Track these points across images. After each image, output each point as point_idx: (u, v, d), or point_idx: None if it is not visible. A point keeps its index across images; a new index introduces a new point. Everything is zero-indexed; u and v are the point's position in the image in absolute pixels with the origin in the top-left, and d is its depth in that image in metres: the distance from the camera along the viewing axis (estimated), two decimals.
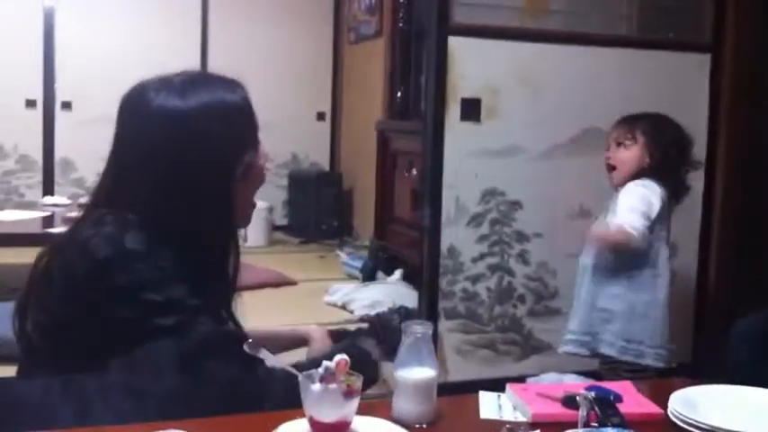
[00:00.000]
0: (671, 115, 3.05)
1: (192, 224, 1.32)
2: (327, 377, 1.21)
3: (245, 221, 1.48)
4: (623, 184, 2.52)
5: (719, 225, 3.20)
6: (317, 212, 6.56)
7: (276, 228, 6.62)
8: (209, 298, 1.33)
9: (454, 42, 2.83)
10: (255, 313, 1.64)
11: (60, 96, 6.29)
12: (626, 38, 3.09)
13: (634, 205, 2.44)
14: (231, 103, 1.37)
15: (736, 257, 3.22)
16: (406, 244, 4.47)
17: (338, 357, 1.23)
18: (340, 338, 1.69)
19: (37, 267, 1.34)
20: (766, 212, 3.20)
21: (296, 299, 4.61)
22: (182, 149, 1.31)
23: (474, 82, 2.87)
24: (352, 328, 2.72)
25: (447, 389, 1.43)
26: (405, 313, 3.21)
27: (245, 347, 1.25)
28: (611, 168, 2.56)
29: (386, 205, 5.26)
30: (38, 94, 6.27)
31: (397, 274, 4.69)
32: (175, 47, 6.42)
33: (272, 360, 1.29)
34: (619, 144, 2.54)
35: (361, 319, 3.97)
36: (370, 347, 1.54)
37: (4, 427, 1.22)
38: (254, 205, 1.47)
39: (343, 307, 4.42)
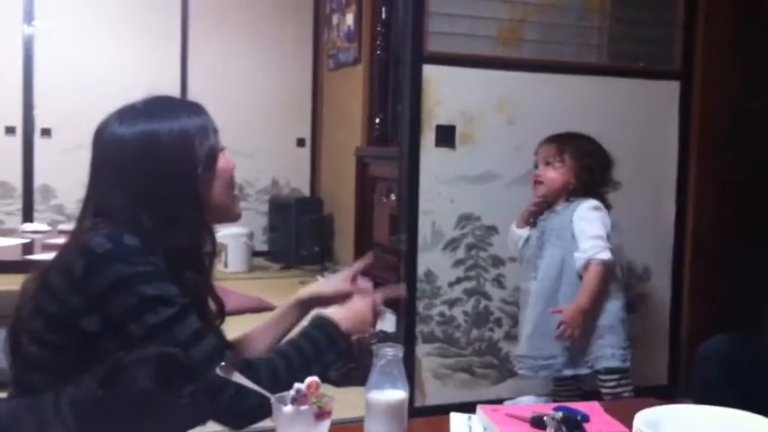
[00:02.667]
0: (642, 140, 3.15)
1: (168, 224, 1.45)
2: (299, 399, 1.24)
3: (233, 216, 1.59)
4: (549, 199, 2.66)
5: (692, 249, 3.26)
6: (298, 238, 6.58)
7: (257, 253, 6.63)
8: (190, 290, 1.46)
9: (429, 70, 2.88)
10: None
11: (40, 123, 6.30)
12: (597, 66, 3.16)
13: (597, 232, 2.54)
14: (190, 122, 1.50)
15: (708, 281, 3.28)
16: (385, 268, 4.48)
17: (309, 380, 1.26)
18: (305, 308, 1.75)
19: (31, 280, 1.44)
20: (737, 237, 3.26)
21: None
22: (147, 165, 1.45)
23: (449, 109, 2.92)
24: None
25: (424, 412, 1.46)
26: (383, 337, 3.23)
27: (218, 371, 1.28)
28: (538, 183, 2.68)
29: (365, 230, 5.29)
30: (17, 121, 6.27)
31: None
32: (155, 75, 6.44)
33: (244, 382, 1.32)
34: (547, 163, 2.65)
35: None
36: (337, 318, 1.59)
37: None
38: (236, 200, 1.58)
39: None
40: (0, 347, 1.51)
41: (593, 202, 2.58)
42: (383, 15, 5.55)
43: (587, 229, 2.54)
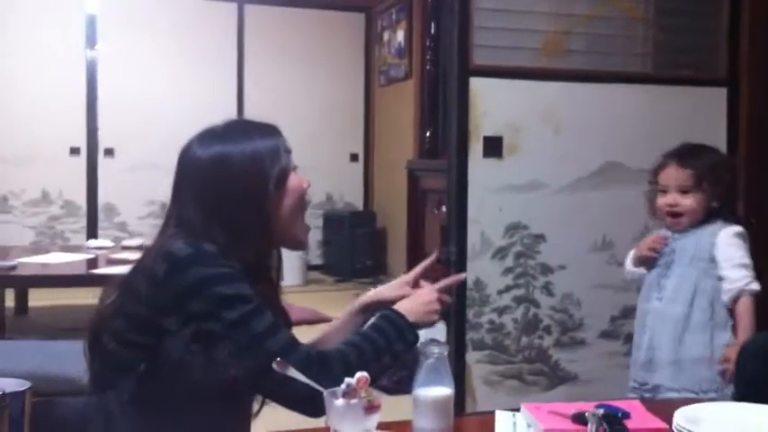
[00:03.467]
0: None
1: (238, 239, 1.54)
2: (349, 392, 1.32)
3: (298, 243, 1.67)
4: (687, 228, 2.44)
5: None
6: (352, 251, 6.69)
7: (312, 267, 6.76)
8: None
9: (475, 83, 2.95)
10: None
11: (103, 144, 6.53)
12: (642, 74, 3.18)
13: (745, 260, 2.37)
14: (262, 144, 1.59)
15: (761, 285, 3.26)
16: (437, 279, 4.55)
17: (359, 375, 1.34)
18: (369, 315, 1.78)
19: (115, 283, 1.57)
20: None
21: None
22: (221, 185, 1.56)
23: (496, 120, 2.99)
24: None
25: None
26: (446, 357, 3.29)
27: (274, 366, 1.37)
28: (677, 215, 2.43)
29: (417, 242, 5.37)
30: (81, 142, 6.52)
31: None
32: (212, 95, 6.65)
33: (300, 377, 1.41)
34: (683, 192, 2.41)
35: None
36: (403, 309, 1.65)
37: None
38: (305, 228, 1.66)
39: None
40: (75, 355, 1.65)
41: (737, 229, 2.40)
42: (432, 31, 5.64)
43: (734, 256, 2.36)
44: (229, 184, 1.56)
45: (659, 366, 2.43)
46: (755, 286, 2.35)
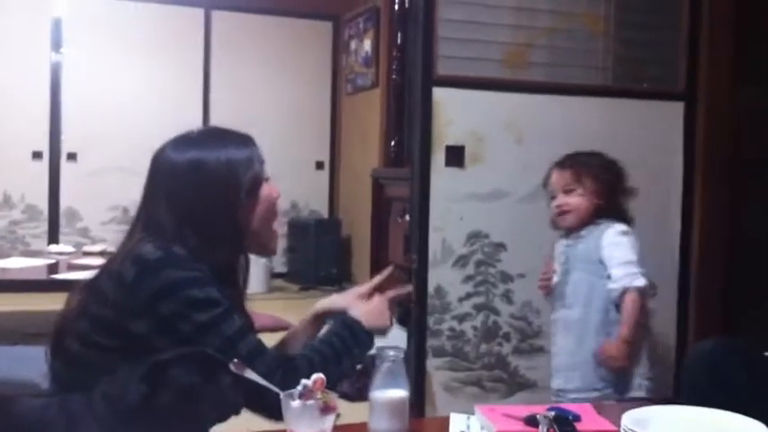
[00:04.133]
0: (648, 160, 3.23)
1: (208, 242, 1.58)
2: (305, 394, 1.34)
3: (267, 250, 1.73)
4: (577, 226, 2.57)
5: (698, 267, 3.32)
6: (317, 259, 6.69)
7: (276, 275, 6.75)
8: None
9: (438, 93, 2.99)
10: None
11: (66, 148, 6.48)
12: (602, 87, 3.24)
13: (628, 258, 2.46)
14: (237, 153, 1.64)
15: (715, 298, 3.34)
16: (401, 287, 4.59)
17: (315, 376, 1.36)
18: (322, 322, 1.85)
19: (80, 287, 1.59)
20: (744, 252, 3.33)
21: None
22: (194, 189, 1.60)
23: (458, 130, 3.03)
24: None
25: None
26: (403, 360, 3.32)
27: (231, 366, 1.39)
28: (564, 213, 2.58)
29: (381, 250, 5.40)
30: (44, 146, 6.47)
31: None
32: (178, 100, 6.63)
33: (258, 379, 1.43)
34: (567, 191, 2.57)
35: None
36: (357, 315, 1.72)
37: None
38: (274, 235, 1.72)
39: None
40: (35, 360, 1.66)
41: (621, 227, 2.51)
42: (399, 41, 5.69)
43: (618, 254, 2.46)
44: (203, 190, 1.59)
45: (561, 371, 2.56)
46: (640, 282, 2.44)
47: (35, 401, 1.51)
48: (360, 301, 1.80)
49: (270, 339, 1.85)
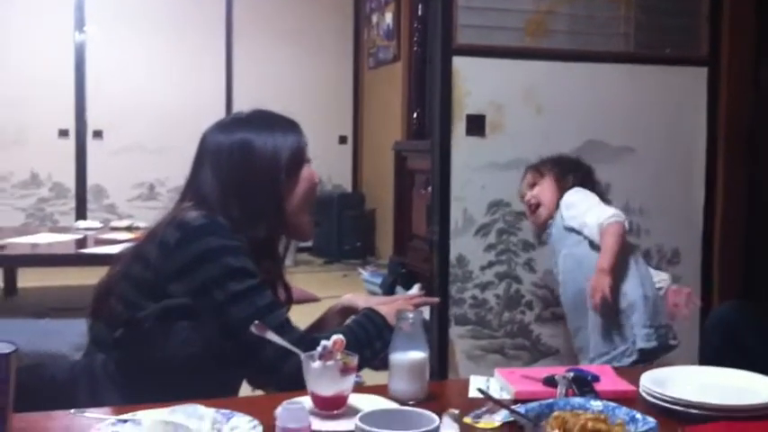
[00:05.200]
0: (671, 127, 3.21)
1: (251, 217, 1.65)
2: (326, 355, 1.36)
3: (303, 234, 1.79)
4: (549, 218, 2.68)
5: (720, 234, 3.30)
6: (340, 233, 6.73)
7: (301, 249, 6.79)
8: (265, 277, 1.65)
9: (458, 62, 2.99)
10: None
11: (92, 126, 6.54)
12: (624, 54, 3.22)
13: (591, 203, 2.56)
14: (284, 138, 1.71)
15: (738, 264, 3.33)
16: (424, 259, 4.60)
17: (335, 337, 1.38)
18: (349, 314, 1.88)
19: (124, 253, 1.67)
20: (765, 218, 3.31)
21: (317, 313, 4.75)
22: (241, 167, 1.68)
23: (478, 99, 3.02)
24: None
25: None
26: (421, 323, 3.35)
27: (253, 328, 1.42)
28: (536, 207, 2.71)
29: (404, 222, 5.41)
30: (70, 125, 6.52)
31: (415, 288, 4.79)
32: (201, 77, 6.67)
33: (280, 342, 1.46)
34: (532, 185, 2.74)
35: None
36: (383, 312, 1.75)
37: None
38: (309, 222, 1.77)
39: None
40: (63, 333, 1.72)
41: (570, 191, 2.63)
42: (420, 12, 5.66)
43: (581, 207, 2.55)
44: (249, 170, 1.66)
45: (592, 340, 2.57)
46: (611, 213, 2.47)
47: (64, 363, 1.56)
48: (385, 303, 1.84)
49: (297, 310, 1.89)
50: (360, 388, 1.52)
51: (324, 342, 1.37)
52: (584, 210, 2.55)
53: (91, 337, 1.65)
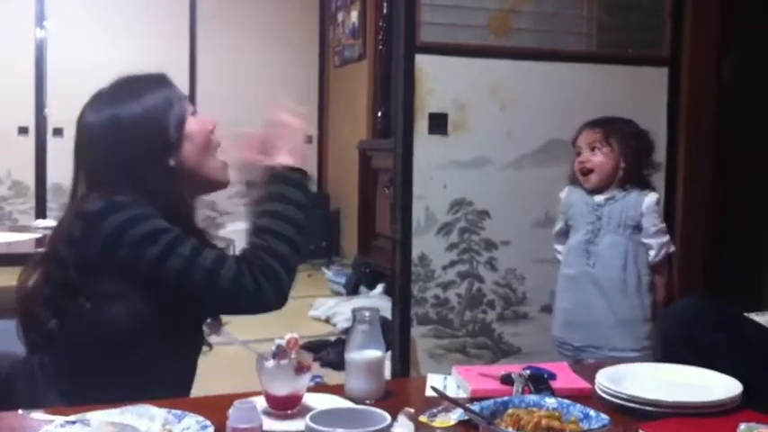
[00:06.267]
0: None
1: (146, 194, 1.53)
2: (279, 354, 1.34)
3: (215, 183, 1.66)
4: (599, 187, 2.58)
5: (681, 232, 3.34)
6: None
7: None
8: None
9: (421, 60, 2.97)
10: (241, 327, 1.77)
11: (52, 123, 6.43)
12: (586, 53, 3.23)
13: (662, 225, 2.58)
14: (152, 99, 1.60)
15: (698, 262, 3.36)
16: (388, 258, 4.59)
17: (288, 336, 1.36)
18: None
19: (36, 259, 1.59)
20: (725, 215, 3.35)
21: (281, 314, 4.66)
22: (118, 147, 1.56)
23: (441, 97, 3.01)
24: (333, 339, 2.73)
25: None
26: (383, 323, 3.34)
27: (204, 327, 1.40)
28: (588, 171, 2.59)
29: (368, 222, 5.40)
30: (30, 122, 6.42)
31: (379, 288, 4.82)
32: (164, 72, 6.58)
33: (232, 338, 1.44)
34: (593, 148, 2.58)
35: (344, 332, 4.09)
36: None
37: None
38: (219, 167, 1.65)
39: (327, 321, 4.55)
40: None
41: (656, 196, 2.59)
42: (385, 11, 5.66)
43: (657, 222, 2.56)
44: (127, 146, 1.56)
45: (586, 327, 2.57)
46: (673, 248, 2.61)
47: (4, 361, 1.52)
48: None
49: None
50: (316, 387, 1.50)
51: (277, 341, 1.35)
52: (658, 227, 2.55)
53: (28, 349, 1.58)
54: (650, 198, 2.56)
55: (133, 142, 1.56)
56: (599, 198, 2.59)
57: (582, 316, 2.58)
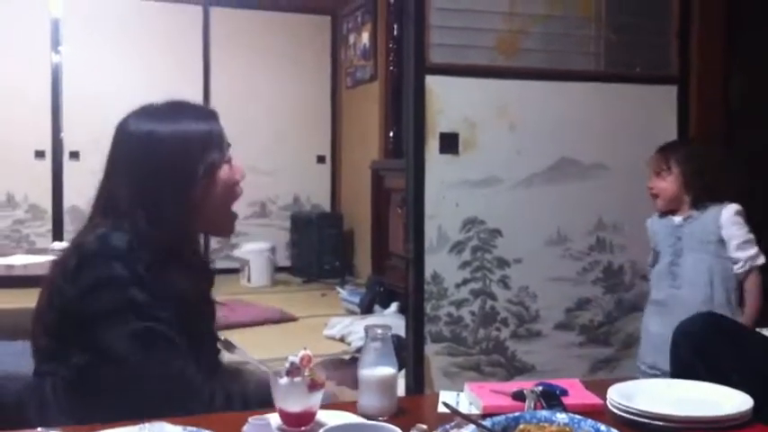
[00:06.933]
0: (642, 144, 3.24)
1: (156, 225, 1.52)
2: (293, 371, 1.36)
3: (223, 232, 1.69)
4: (669, 210, 2.71)
5: None
6: (319, 253, 6.73)
7: (279, 269, 6.78)
8: (179, 289, 1.53)
9: (431, 81, 3.01)
10: (255, 346, 1.77)
11: (68, 147, 6.52)
12: (595, 73, 3.26)
13: (748, 237, 2.58)
14: (194, 128, 1.59)
15: None
16: (401, 277, 4.61)
17: (302, 353, 1.38)
18: None
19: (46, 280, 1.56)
20: None
21: (296, 333, 4.75)
22: (147, 164, 1.55)
23: (452, 117, 3.04)
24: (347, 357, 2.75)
25: None
26: (397, 341, 3.35)
27: (219, 345, 1.42)
28: (655, 196, 2.75)
29: (382, 241, 5.43)
30: (47, 146, 6.51)
31: (393, 306, 4.84)
32: (178, 97, 6.65)
33: (247, 357, 1.46)
34: (657, 174, 2.72)
35: (358, 350, 4.10)
36: None
37: None
38: (232, 217, 1.67)
39: (342, 339, 4.57)
40: None
41: (736, 207, 2.60)
42: (395, 32, 5.71)
43: (738, 233, 2.57)
44: (156, 164, 1.54)
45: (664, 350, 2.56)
46: (762, 260, 2.55)
47: (13, 384, 1.53)
48: None
49: (273, 330, 1.85)
50: (329, 405, 1.52)
51: (291, 358, 1.37)
52: (741, 238, 2.56)
53: (35, 365, 1.57)
54: (728, 210, 2.59)
55: (164, 162, 1.54)
56: (677, 219, 2.66)
57: (660, 339, 2.52)
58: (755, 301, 2.52)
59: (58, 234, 6.46)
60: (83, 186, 6.62)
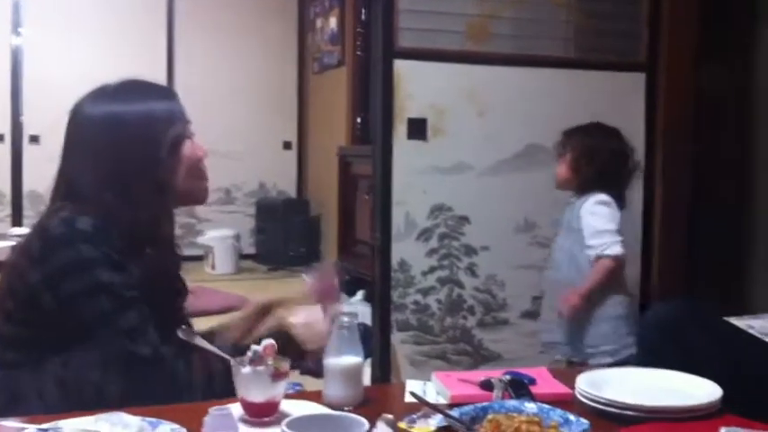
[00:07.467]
0: None
1: (128, 203, 1.49)
2: (256, 360, 1.32)
3: (196, 199, 1.65)
4: (565, 191, 2.75)
5: (660, 234, 3.35)
6: (285, 240, 6.65)
7: (244, 256, 6.70)
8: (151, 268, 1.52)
9: (400, 65, 2.97)
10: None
11: (28, 131, 6.36)
12: (564, 59, 3.24)
13: (605, 227, 2.59)
14: (155, 107, 1.57)
15: (677, 264, 3.37)
16: (368, 265, 4.57)
17: (266, 342, 1.34)
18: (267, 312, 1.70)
19: (5, 266, 1.52)
20: (705, 221, 3.36)
21: None
22: (111, 146, 1.51)
23: (420, 102, 3.01)
24: None
25: None
26: (363, 330, 3.31)
27: (179, 333, 1.37)
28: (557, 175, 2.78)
29: (348, 228, 5.39)
30: (6, 129, 6.34)
31: (359, 294, 4.79)
32: (138, 77, 6.53)
33: (207, 346, 1.41)
34: (559, 155, 2.75)
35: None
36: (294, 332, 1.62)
37: None
38: (203, 189, 1.64)
39: None
40: None
41: (600, 197, 2.63)
42: (363, 17, 5.65)
43: (595, 223, 2.60)
44: (121, 147, 1.51)
45: (549, 324, 2.76)
46: (613, 250, 2.58)
47: None
48: (301, 310, 1.66)
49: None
50: (294, 394, 1.48)
51: (254, 347, 1.33)
52: (596, 228, 2.59)
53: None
54: (590, 200, 2.63)
55: (127, 144, 1.52)
56: (567, 206, 2.74)
57: (545, 315, 2.82)
58: (592, 277, 2.57)
59: (17, 219, 6.32)
60: (43, 171, 6.45)
